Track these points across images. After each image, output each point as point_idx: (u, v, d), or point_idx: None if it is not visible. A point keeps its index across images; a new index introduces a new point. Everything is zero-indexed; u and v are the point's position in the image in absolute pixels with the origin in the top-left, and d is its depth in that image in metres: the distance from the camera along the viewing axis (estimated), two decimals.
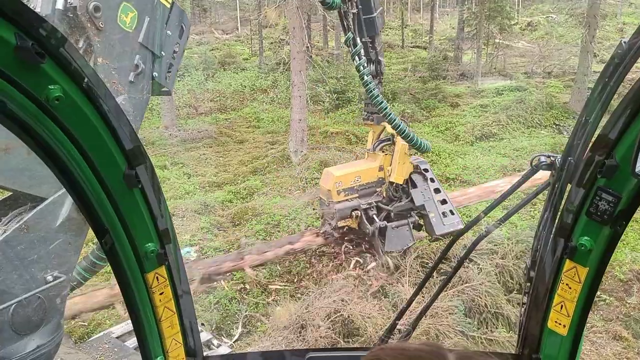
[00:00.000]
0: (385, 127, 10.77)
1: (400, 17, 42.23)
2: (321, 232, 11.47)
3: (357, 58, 8.94)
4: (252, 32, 38.27)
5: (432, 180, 10.73)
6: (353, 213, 10.82)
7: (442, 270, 9.06)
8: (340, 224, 10.93)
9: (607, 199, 1.77)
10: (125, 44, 3.60)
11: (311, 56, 26.60)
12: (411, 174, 10.71)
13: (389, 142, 10.85)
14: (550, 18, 40.61)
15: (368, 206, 10.80)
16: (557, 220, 2.07)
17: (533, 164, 2.27)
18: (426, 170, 10.86)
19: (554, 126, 20.78)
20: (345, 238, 11.50)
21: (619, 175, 1.71)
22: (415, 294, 2.84)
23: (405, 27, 41.93)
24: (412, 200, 10.63)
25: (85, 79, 1.52)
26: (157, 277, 2.02)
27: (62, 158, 1.59)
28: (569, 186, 2.00)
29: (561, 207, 2.05)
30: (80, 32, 3.33)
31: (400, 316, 2.81)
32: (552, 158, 2.22)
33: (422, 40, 41.42)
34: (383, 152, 10.97)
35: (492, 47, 30.30)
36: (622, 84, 1.84)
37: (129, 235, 1.88)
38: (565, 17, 30.62)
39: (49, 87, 1.43)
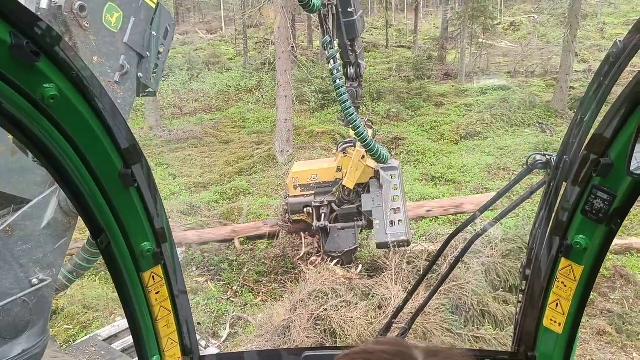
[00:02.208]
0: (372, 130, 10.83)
1: (384, 17, 42.42)
2: (280, 221, 11.85)
3: (332, 62, 8.93)
4: (236, 32, 38.13)
5: (395, 187, 10.37)
6: (305, 209, 10.97)
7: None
8: (294, 217, 11.17)
9: (602, 198, 1.78)
10: (111, 44, 3.57)
11: (296, 56, 26.58)
12: (371, 178, 10.52)
13: (352, 145, 10.71)
14: (532, 18, 41.06)
15: (320, 204, 10.82)
16: (552, 219, 2.09)
17: (529, 162, 2.28)
18: (393, 172, 10.48)
19: (537, 125, 20.99)
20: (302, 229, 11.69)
21: (614, 174, 1.73)
22: (411, 293, 2.86)
23: (390, 27, 42.11)
24: (361, 205, 10.53)
25: (81, 78, 1.50)
26: (153, 277, 2.01)
27: (58, 157, 1.58)
28: (564, 185, 2.01)
29: (557, 205, 2.07)
30: (65, 32, 3.29)
31: (396, 315, 2.81)
32: (547, 157, 2.24)
33: (407, 40, 41.62)
34: (344, 154, 10.86)
35: (476, 47, 30.55)
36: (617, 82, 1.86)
37: (125, 234, 1.87)
38: (547, 17, 30.97)
39: (44, 85, 1.42)
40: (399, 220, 9.66)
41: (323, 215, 10.79)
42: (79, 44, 3.36)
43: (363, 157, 10.22)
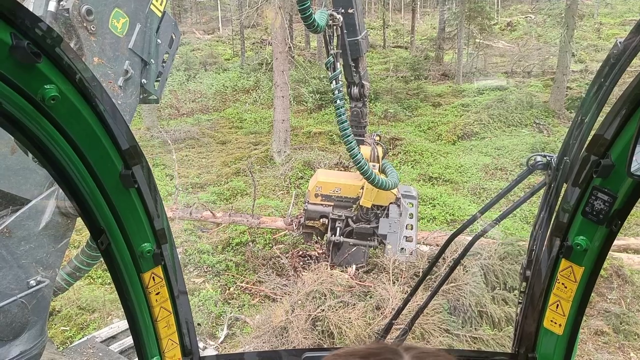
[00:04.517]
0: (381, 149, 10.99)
1: (381, 17, 42.47)
2: (291, 221, 11.94)
3: (334, 82, 8.97)
4: (233, 33, 38.10)
5: (411, 215, 10.71)
6: (321, 219, 11.06)
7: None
8: (309, 223, 11.24)
9: (602, 199, 1.79)
10: (116, 49, 3.59)
11: (293, 56, 26.58)
12: (391, 203, 10.74)
13: (374, 166, 10.85)
14: (529, 18, 41.13)
15: (337, 217, 10.91)
16: (553, 220, 2.09)
17: (529, 163, 2.28)
18: (412, 200, 10.83)
19: (534, 125, 21.04)
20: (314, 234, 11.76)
21: (614, 175, 1.73)
22: (412, 294, 2.85)
23: (387, 27, 42.18)
24: (377, 227, 10.73)
25: (82, 79, 1.50)
26: (153, 277, 2.01)
27: (59, 158, 1.58)
28: (564, 186, 2.01)
29: (557, 206, 2.07)
30: (71, 35, 3.31)
31: (396, 316, 2.82)
32: (548, 158, 2.24)
33: (404, 40, 41.69)
34: None
35: (473, 47, 30.61)
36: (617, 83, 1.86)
37: (125, 235, 1.88)
38: (544, 17, 31.01)
39: (45, 86, 1.42)
40: (410, 252, 10.22)
41: (338, 228, 10.89)
42: (84, 47, 3.38)
43: None
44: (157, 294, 2.06)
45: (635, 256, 11.25)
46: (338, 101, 9.01)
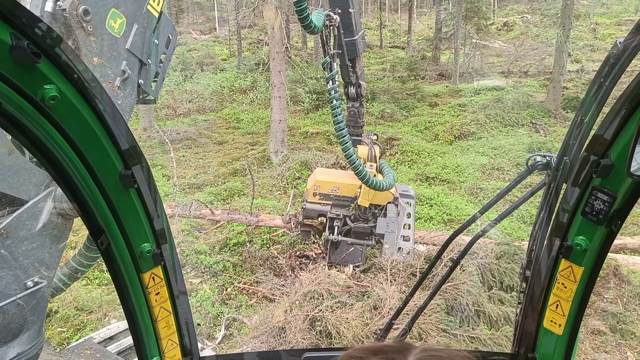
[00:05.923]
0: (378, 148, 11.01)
1: (378, 18, 42.53)
2: (289, 219, 11.95)
3: (330, 82, 8.98)
4: (230, 33, 38.06)
5: (408, 215, 10.74)
6: (319, 217, 11.08)
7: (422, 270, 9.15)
8: (307, 222, 11.26)
9: (602, 199, 1.79)
10: (113, 49, 3.59)
11: (290, 56, 26.57)
12: (389, 202, 10.76)
13: (371, 166, 10.88)
14: (526, 18, 41.24)
15: (335, 216, 10.92)
16: (552, 220, 2.09)
17: (529, 164, 2.28)
18: (409, 200, 10.86)
19: (531, 125, 21.08)
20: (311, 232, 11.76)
21: (614, 175, 1.73)
22: (412, 294, 2.86)
23: (384, 28, 42.23)
24: (375, 226, 10.76)
25: (81, 79, 1.49)
26: (153, 277, 2.01)
27: (58, 158, 1.58)
28: (564, 186, 2.01)
29: (557, 206, 2.07)
30: (68, 35, 3.30)
31: (396, 315, 2.81)
32: (547, 158, 2.24)
33: (401, 40, 41.77)
34: None
35: (470, 47, 30.66)
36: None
37: (125, 235, 1.88)
38: (540, 17, 31.09)
39: (45, 86, 1.42)
40: (407, 252, 10.22)
41: (336, 227, 10.90)
42: (82, 47, 3.37)
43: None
44: (157, 294, 2.06)
45: (630, 257, 11.29)
46: (335, 101, 9.02)
